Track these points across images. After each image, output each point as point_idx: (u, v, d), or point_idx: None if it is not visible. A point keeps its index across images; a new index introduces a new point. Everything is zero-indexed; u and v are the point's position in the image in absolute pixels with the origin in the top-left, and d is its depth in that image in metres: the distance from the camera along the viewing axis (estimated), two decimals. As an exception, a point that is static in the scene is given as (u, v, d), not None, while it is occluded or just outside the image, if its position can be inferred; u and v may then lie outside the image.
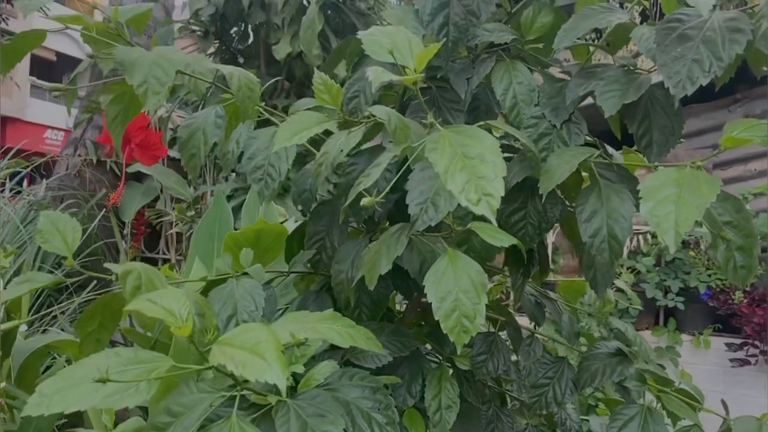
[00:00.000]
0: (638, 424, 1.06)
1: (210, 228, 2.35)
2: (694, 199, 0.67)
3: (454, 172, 0.66)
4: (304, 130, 0.80)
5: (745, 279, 0.77)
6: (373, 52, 0.71)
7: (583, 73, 0.94)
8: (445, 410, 1.10)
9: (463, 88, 1.02)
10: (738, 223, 0.78)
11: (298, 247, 1.27)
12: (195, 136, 0.91)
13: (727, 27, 0.75)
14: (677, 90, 0.74)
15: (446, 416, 1.10)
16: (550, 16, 1.01)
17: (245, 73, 0.87)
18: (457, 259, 0.82)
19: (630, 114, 0.89)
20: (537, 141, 0.95)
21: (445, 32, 0.96)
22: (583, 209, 0.87)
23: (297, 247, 1.27)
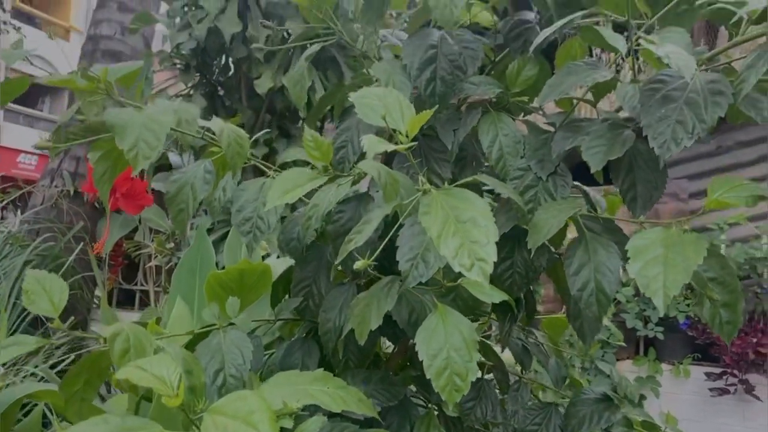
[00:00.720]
0: (627, 470, 1.06)
1: (191, 264, 2.33)
2: (682, 261, 0.68)
3: (446, 237, 0.66)
4: (296, 188, 0.81)
5: (730, 334, 0.78)
6: (365, 115, 0.72)
7: (569, 126, 0.96)
8: (433, 458, 1.10)
9: (449, 139, 1.03)
10: (723, 279, 0.79)
11: (283, 292, 1.27)
12: (183, 191, 0.91)
13: (710, 89, 0.77)
14: (662, 150, 0.76)
15: (435, 464, 1.10)
16: (534, 69, 1.03)
17: (234, 129, 0.88)
18: (448, 316, 0.82)
19: (615, 169, 0.91)
20: (523, 193, 0.96)
21: (432, 87, 0.97)
22: (571, 262, 0.88)
23: (283, 292, 1.26)
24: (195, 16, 2.89)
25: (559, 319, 1.50)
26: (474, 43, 0.99)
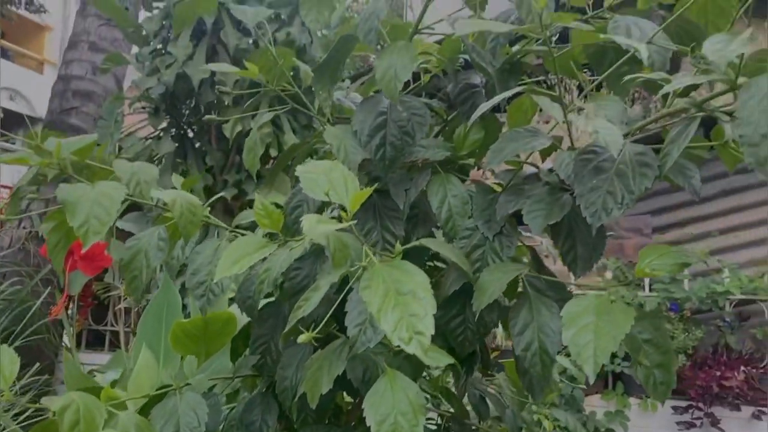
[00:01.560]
0: None
1: (158, 310, 2.32)
2: (611, 329, 0.71)
3: (386, 311, 0.69)
4: (245, 257, 0.83)
5: (664, 395, 0.81)
6: (310, 189, 0.75)
7: (512, 189, 1.00)
8: None
9: (401, 199, 1.07)
10: (657, 340, 0.83)
11: (243, 346, 1.28)
12: (137, 258, 0.92)
13: (638, 161, 0.81)
14: (594, 219, 0.80)
15: None
16: (480, 133, 1.07)
17: (187, 198, 0.90)
18: (396, 380, 0.85)
19: (555, 231, 0.94)
20: (471, 252, 0.99)
21: (382, 152, 1.01)
22: (515, 323, 0.91)
23: (242, 347, 1.28)
24: (163, 62, 2.93)
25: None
26: (421, 109, 1.03)
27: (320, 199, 0.73)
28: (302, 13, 1.17)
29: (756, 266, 3.75)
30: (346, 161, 1.01)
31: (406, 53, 0.89)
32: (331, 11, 1.16)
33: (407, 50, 0.90)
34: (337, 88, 1.17)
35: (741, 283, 3.50)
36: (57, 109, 5.38)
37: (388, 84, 0.90)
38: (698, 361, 3.41)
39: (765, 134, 0.63)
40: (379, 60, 0.92)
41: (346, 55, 1.11)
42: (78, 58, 5.50)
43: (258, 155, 1.01)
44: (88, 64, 5.46)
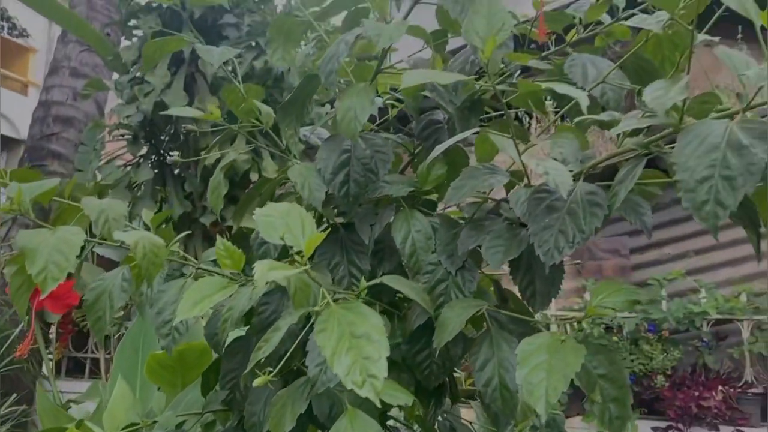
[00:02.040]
0: None
1: (134, 341, 2.32)
2: (563, 368, 0.73)
3: (340, 354, 0.70)
4: (206, 298, 0.84)
5: (620, 429, 0.83)
6: (266, 233, 0.76)
7: (473, 225, 1.02)
8: None
9: (366, 233, 1.08)
10: (612, 375, 0.84)
11: (214, 380, 1.28)
12: (101, 299, 0.93)
13: (588, 201, 0.83)
14: (546, 258, 0.82)
15: None
16: (443, 168, 1.09)
17: (150, 239, 0.91)
18: (357, 418, 0.86)
19: (514, 267, 0.96)
20: (435, 287, 1.01)
21: (346, 189, 1.02)
22: (476, 358, 0.92)
23: (213, 381, 1.28)
24: (142, 90, 2.94)
25: None
26: (384, 146, 1.05)
27: (276, 243, 0.74)
28: (269, 53, 1.19)
29: (732, 285, 3.80)
30: (310, 198, 1.03)
31: (366, 96, 0.92)
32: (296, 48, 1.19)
33: (366, 92, 0.92)
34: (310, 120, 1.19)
35: (717, 303, 3.53)
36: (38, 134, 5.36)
37: (348, 125, 0.92)
38: (677, 381, 3.44)
39: (700, 180, 0.65)
40: (340, 101, 0.94)
41: (312, 93, 1.13)
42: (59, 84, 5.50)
43: (221, 195, 1.02)
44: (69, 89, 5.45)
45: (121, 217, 1.09)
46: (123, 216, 1.10)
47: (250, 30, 2.92)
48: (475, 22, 0.74)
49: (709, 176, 0.65)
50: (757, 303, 3.59)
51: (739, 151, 0.64)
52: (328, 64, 0.97)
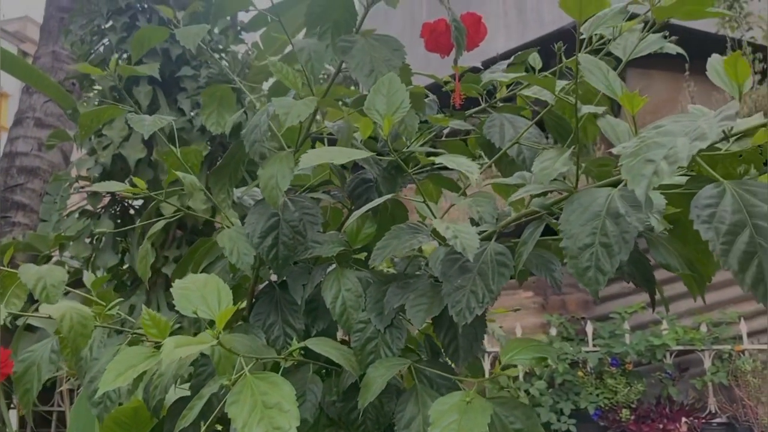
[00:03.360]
0: None
1: (91, 398, 2.29)
2: (471, 428, 0.76)
3: (251, 426, 0.72)
4: (129, 369, 0.85)
5: (537, 481, 0.85)
6: (182, 306, 0.78)
7: (399, 283, 1.05)
8: None
9: (299, 293, 1.11)
10: (528, 428, 0.87)
11: None
12: (29, 371, 0.94)
13: (497, 261, 0.87)
14: (459, 318, 0.85)
15: None
16: (373, 227, 1.13)
17: (78, 311, 0.93)
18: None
19: (437, 324, 0.99)
20: (365, 344, 1.03)
21: (275, 252, 1.05)
22: (402, 416, 0.95)
23: None
24: (101, 143, 2.96)
25: None
26: (313, 209, 1.09)
27: (189, 315, 0.76)
28: (203, 118, 1.23)
29: (694, 316, 3.86)
30: (239, 263, 1.06)
31: (286, 164, 0.95)
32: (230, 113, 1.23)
33: (287, 161, 0.96)
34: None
35: (677, 335, 3.59)
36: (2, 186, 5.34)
37: (271, 192, 0.96)
38: (642, 414, 3.47)
39: (582, 247, 0.69)
40: (263, 170, 0.98)
41: (243, 158, 1.17)
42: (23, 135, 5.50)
43: (149, 264, 1.05)
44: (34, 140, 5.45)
45: (60, 283, 1.11)
46: (62, 282, 1.11)
47: (208, 81, 2.97)
48: (376, 100, 0.79)
49: (590, 243, 0.69)
50: (717, 333, 3.66)
51: (616, 220, 0.68)
52: (252, 133, 1.00)
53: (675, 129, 0.61)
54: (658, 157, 0.59)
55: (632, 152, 0.61)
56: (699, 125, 0.59)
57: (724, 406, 3.59)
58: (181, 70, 3.10)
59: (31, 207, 5.18)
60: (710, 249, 0.60)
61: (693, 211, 0.62)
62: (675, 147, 0.58)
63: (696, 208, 0.62)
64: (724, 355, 3.61)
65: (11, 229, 4.98)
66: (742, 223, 0.59)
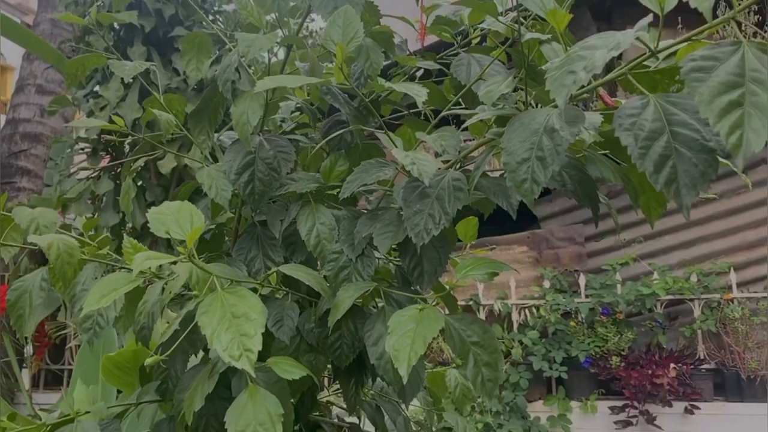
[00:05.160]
0: None
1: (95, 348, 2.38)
2: (424, 334, 0.82)
3: (220, 333, 0.78)
4: (113, 291, 0.92)
5: (491, 391, 0.92)
6: (155, 228, 0.84)
7: (369, 215, 1.11)
8: None
9: (277, 228, 1.17)
10: (484, 342, 0.93)
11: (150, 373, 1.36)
12: (22, 299, 1.01)
13: (454, 186, 0.93)
14: (417, 239, 0.91)
15: None
16: (346, 164, 1.18)
17: (65, 241, 0.99)
18: (257, 394, 0.94)
19: (403, 250, 1.05)
20: (338, 273, 1.09)
21: (251, 187, 1.11)
22: (370, 335, 1.01)
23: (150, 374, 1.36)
24: (97, 104, 3.01)
25: (439, 374, 1.64)
26: (287, 147, 1.14)
27: (162, 236, 0.82)
28: (183, 63, 1.27)
29: (685, 267, 3.92)
30: (217, 198, 1.12)
31: (257, 101, 1.00)
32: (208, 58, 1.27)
33: (258, 99, 1.01)
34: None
35: (667, 285, 3.66)
36: (6, 152, 5.41)
37: (242, 127, 1.01)
38: (631, 361, 3.55)
39: (520, 161, 0.74)
40: (235, 107, 1.03)
41: (222, 102, 1.21)
42: (25, 102, 5.55)
43: (131, 197, 1.11)
44: (36, 107, 5.51)
45: (52, 224, 1.17)
46: (54, 223, 1.18)
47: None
48: (332, 31, 0.83)
49: (527, 158, 0.74)
50: (706, 282, 3.72)
51: (551, 135, 0.73)
52: (225, 72, 1.05)
53: (597, 43, 0.66)
54: (579, 68, 0.63)
55: (557, 66, 0.65)
56: (616, 37, 0.63)
57: (713, 352, 3.67)
58: (174, 30, 3.13)
59: (35, 172, 5.26)
60: (629, 154, 0.65)
61: (615, 121, 0.67)
62: (593, 58, 0.63)
63: (619, 117, 0.67)
64: (713, 304, 3.68)
65: (17, 194, 5.07)
66: (660, 129, 0.64)
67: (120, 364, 1.81)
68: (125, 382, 1.85)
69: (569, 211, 4.18)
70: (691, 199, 0.62)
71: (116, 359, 1.78)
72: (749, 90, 0.55)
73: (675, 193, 0.62)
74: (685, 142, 0.63)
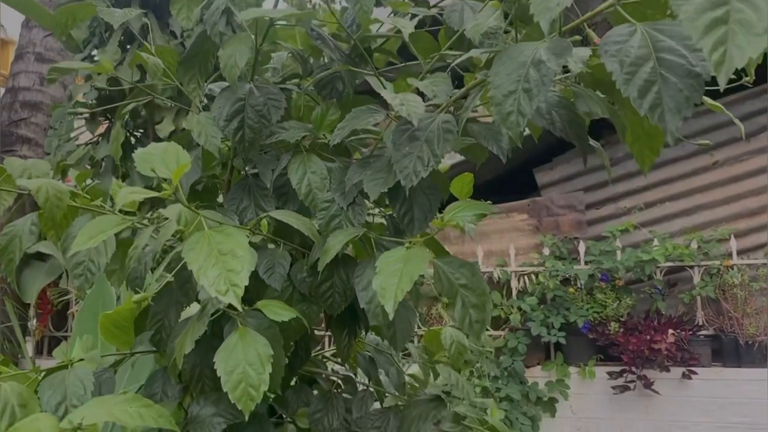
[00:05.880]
0: (453, 462, 1.19)
1: (93, 306, 2.40)
2: (411, 272, 0.82)
3: (206, 269, 0.79)
4: (100, 233, 0.92)
5: (479, 331, 0.92)
6: (141, 168, 0.84)
7: (360, 162, 1.10)
8: (284, 467, 1.19)
9: (268, 177, 1.17)
10: (472, 284, 0.93)
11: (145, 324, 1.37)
12: (12, 243, 1.01)
13: (443, 128, 0.92)
14: (407, 182, 0.91)
15: (285, 472, 1.19)
16: (337, 113, 1.17)
17: (53, 185, 0.99)
18: (246, 335, 0.95)
19: (393, 196, 1.04)
20: (330, 221, 1.09)
21: (241, 134, 1.10)
22: (360, 279, 1.01)
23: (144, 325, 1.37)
24: (95, 67, 2.98)
25: (434, 332, 1.64)
26: (277, 94, 1.13)
27: (148, 174, 0.82)
28: (173, 12, 1.26)
29: (685, 235, 3.92)
30: (207, 144, 1.11)
31: (244, 43, 0.99)
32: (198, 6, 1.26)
33: (245, 41, 0.99)
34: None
35: (666, 251, 3.65)
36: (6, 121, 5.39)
37: (230, 70, 1.00)
38: (630, 327, 3.57)
39: (507, 94, 0.74)
40: (223, 50, 1.02)
41: (212, 49, 1.20)
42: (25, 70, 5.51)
43: (120, 142, 1.10)
44: (35, 75, 5.47)
45: (45, 174, 1.17)
46: (46, 174, 1.17)
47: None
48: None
49: (514, 90, 0.73)
50: (706, 249, 3.71)
51: (538, 67, 0.72)
52: (212, 16, 1.04)
53: (584, -31, 0.64)
54: (564, -8, 0.62)
55: (542, -8, 0.64)
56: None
57: (712, 319, 3.68)
58: (172, -8, 3.08)
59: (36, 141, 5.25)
60: (613, 80, 0.64)
61: (601, 48, 0.66)
62: (578, -18, 0.61)
63: (605, 45, 0.66)
64: (713, 270, 3.68)
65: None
66: (646, 56, 0.63)
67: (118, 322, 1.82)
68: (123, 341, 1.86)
69: (570, 178, 4.17)
70: (675, 123, 0.61)
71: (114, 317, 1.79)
72: (734, 7, 0.54)
73: (659, 118, 0.61)
74: (671, 67, 0.62)
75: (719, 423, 3.46)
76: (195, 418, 1.14)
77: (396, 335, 1.18)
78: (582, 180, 4.17)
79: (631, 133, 0.93)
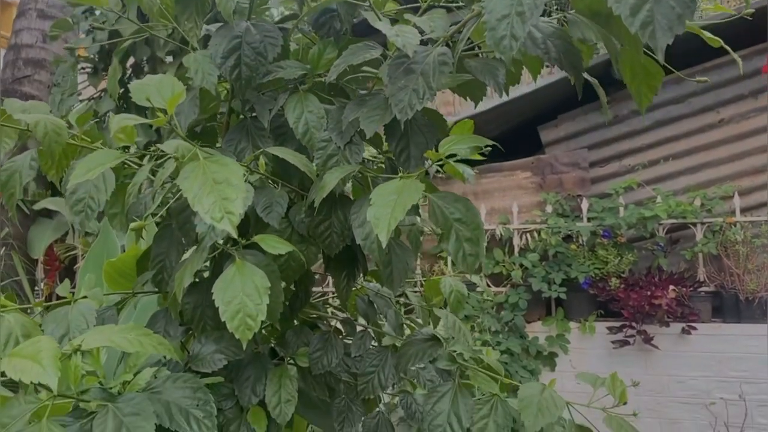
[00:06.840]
0: (449, 398, 1.21)
1: (98, 258, 2.42)
2: (404, 202, 0.83)
3: (201, 197, 0.79)
4: (98, 165, 0.92)
5: (473, 265, 0.93)
6: (137, 98, 0.85)
7: (357, 101, 1.10)
8: (284, 404, 1.22)
9: (266, 117, 1.17)
10: (466, 219, 0.94)
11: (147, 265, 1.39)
12: (13, 178, 1.02)
13: (439, 61, 0.92)
14: (402, 115, 0.91)
15: (285, 409, 1.22)
16: (334, 52, 1.17)
17: (52, 120, 0.99)
18: (244, 268, 0.96)
19: (391, 134, 1.05)
20: (327, 160, 1.10)
21: (237, 72, 1.10)
22: (356, 216, 1.02)
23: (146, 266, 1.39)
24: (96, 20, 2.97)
25: (434, 281, 1.66)
26: (274, 32, 1.12)
27: (143, 104, 0.83)
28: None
29: (689, 192, 3.90)
30: (203, 82, 1.11)
31: (239, -22, 0.98)
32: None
33: (240, -25, 0.99)
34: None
35: (669, 208, 3.65)
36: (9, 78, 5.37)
37: (225, 4, 0.99)
38: (630, 282, 3.59)
39: (500, 18, 0.73)
40: (219, -14, 1.01)
41: (209, -13, 1.19)
42: (27, 27, 5.47)
43: (117, 78, 1.10)
44: (38, 32, 5.43)
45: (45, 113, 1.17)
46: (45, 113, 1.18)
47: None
48: None
49: (507, 14, 0.73)
50: (709, 206, 3.71)
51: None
52: (208, -51, 1.03)
53: None
54: None
55: None
56: None
57: (713, 275, 3.69)
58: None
59: (39, 98, 5.23)
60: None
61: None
62: None
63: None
64: (716, 227, 3.68)
65: (21, 119, 5.05)
66: (640, -23, 0.62)
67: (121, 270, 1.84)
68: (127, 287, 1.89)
69: (574, 136, 4.14)
70: (666, 41, 0.61)
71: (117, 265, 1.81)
72: None
73: (650, 36, 0.61)
74: (664, -16, 0.61)
75: (717, 377, 3.50)
76: (196, 356, 1.16)
77: (393, 274, 1.20)
78: (586, 138, 4.15)
79: (630, 70, 0.93)
